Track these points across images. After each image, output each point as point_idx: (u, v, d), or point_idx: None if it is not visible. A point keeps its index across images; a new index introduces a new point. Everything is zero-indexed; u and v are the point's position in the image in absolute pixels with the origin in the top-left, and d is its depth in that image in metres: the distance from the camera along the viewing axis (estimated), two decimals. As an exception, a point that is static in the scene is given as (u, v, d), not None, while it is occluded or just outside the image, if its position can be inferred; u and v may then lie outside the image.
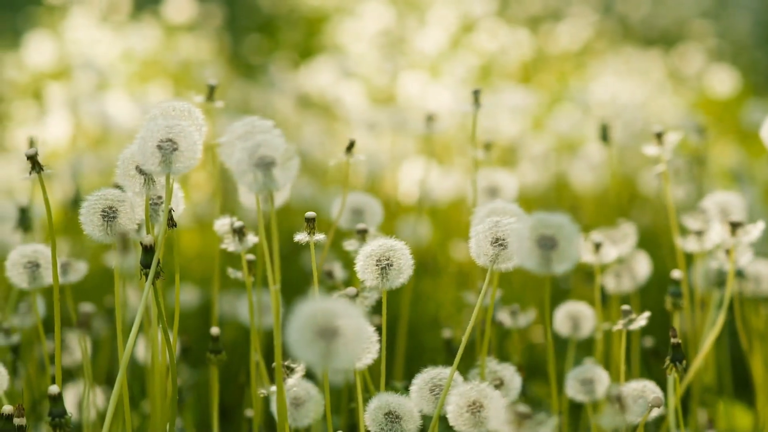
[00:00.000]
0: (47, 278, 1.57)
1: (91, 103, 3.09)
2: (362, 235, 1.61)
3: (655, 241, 2.50)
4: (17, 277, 1.57)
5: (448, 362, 2.13)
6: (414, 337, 2.40)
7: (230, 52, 4.82)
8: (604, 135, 2.08)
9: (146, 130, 1.38)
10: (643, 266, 1.89)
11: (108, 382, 2.04)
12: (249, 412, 1.74)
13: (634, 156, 2.92)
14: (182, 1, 4.78)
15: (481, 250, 1.42)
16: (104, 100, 3.06)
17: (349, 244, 1.61)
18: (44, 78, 4.17)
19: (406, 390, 1.55)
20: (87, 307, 1.39)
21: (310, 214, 1.45)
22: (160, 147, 1.37)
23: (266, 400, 1.71)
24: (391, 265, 1.46)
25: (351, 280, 1.84)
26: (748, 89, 4.12)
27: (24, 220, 1.81)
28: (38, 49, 4.27)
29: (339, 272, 1.78)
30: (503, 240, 1.41)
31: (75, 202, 2.62)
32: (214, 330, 1.59)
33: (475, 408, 1.39)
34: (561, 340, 2.45)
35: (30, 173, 1.38)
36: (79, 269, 1.69)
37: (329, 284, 1.80)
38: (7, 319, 1.76)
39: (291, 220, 2.72)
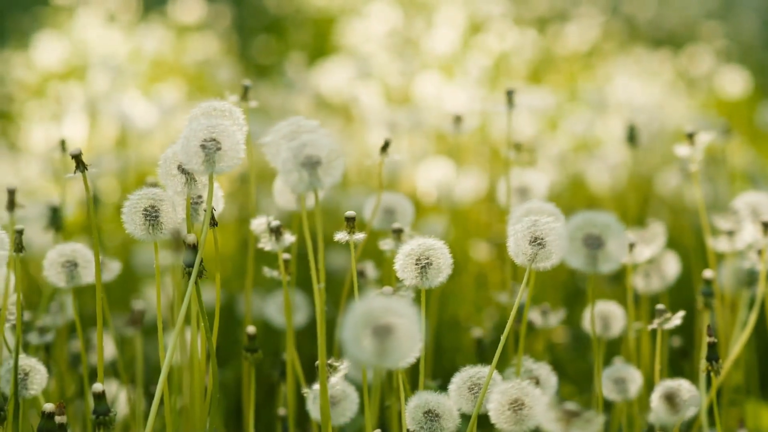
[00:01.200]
0: (85, 277, 1.58)
1: (109, 103, 3.09)
2: (398, 234, 1.62)
3: (673, 242, 2.51)
4: (55, 277, 1.58)
5: (474, 361, 2.14)
6: (434, 336, 2.41)
7: (239, 53, 4.83)
8: (632, 136, 2.09)
9: (189, 130, 1.38)
10: (672, 266, 1.90)
11: (134, 381, 2.04)
12: (282, 411, 1.75)
13: (651, 157, 2.93)
14: (190, 1, 4.79)
15: (519, 249, 1.43)
16: (122, 100, 3.07)
17: (385, 244, 1.62)
18: (53, 78, 4.18)
19: (438, 389, 1.56)
20: (139, 305, 1.40)
21: (351, 213, 1.46)
22: (203, 146, 1.38)
23: (295, 398, 1.72)
24: (431, 264, 1.46)
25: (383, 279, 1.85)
26: (759, 90, 4.13)
27: (55, 220, 1.81)
28: (47, 49, 4.27)
29: (371, 272, 1.78)
30: (542, 239, 1.42)
31: (94, 202, 2.62)
32: (251, 329, 1.60)
33: (517, 406, 1.39)
34: (580, 340, 2.47)
35: (75, 172, 1.38)
36: (113, 268, 1.70)
37: (361, 283, 1.80)
38: (39, 318, 1.77)
39: (310, 221, 2.73)
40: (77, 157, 1.38)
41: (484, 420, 1.45)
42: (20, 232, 1.37)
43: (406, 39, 4.18)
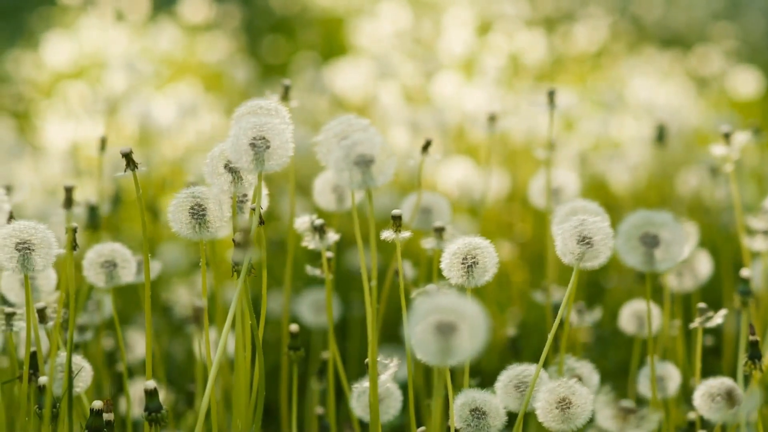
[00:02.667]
0: (124, 277, 1.58)
1: (128, 102, 3.09)
2: (440, 233, 1.63)
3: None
4: (94, 277, 1.58)
5: (501, 359, 2.15)
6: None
7: (248, 53, 4.83)
8: (661, 135, 2.10)
9: (238, 128, 1.39)
10: (704, 265, 1.91)
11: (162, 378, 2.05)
12: (319, 410, 1.75)
13: (671, 157, 2.94)
14: (199, 1, 4.79)
15: (567, 249, 1.44)
16: (141, 99, 3.07)
17: (427, 242, 1.63)
18: (64, 78, 4.18)
19: (476, 387, 1.56)
20: (200, 302, 1.40)
21: (397, 211, 1.46)
22: (253, 144, 1.38)
23: (324, 396, 1.73)
24: (477, 264, 1.47)
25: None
26: (768, 90, 4.14)
27: (93, 219, 1.82)
28: (57, 49, 4.28)
29: (409, 271, 1.79)
30: (589, 238, 1.43)
31: (115, 202, 2.63)
32: (294, 327, 1.60)
33: (565, 404, 1.40)
34: (601, 339, 2.47)
35: (125, 171, 1.39)
36: (153, 268, 1.70)
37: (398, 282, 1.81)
38: (77, 316, 1.77)
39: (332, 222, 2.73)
40: (128, 156, 1.38)
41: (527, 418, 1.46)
42: (75, 230, 1.38)
43: (416, 39, 4.19)
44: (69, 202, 1.30)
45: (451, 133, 3.01)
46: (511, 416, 1.48)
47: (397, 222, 1.47)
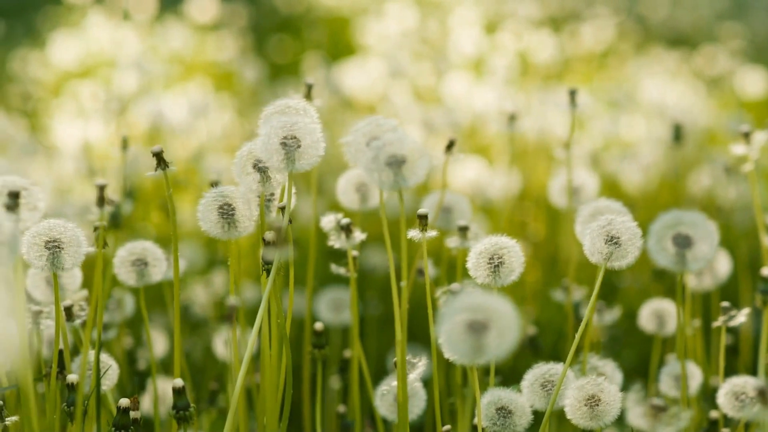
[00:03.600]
0: (155, 276, 1.59)
1: (140, 101, 3.10)
2: (463, 232, 1.64)
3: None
4: (125, 275, 1.59)
5: (517, 358, 2.15)
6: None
7: (255, 52, 4.84)
8: (678, 135, 2.11)
9: (269, 127, 1.39)
10: (723, 265, 1.92)
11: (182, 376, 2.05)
12: (342, 408, 1.76)
13: (683, 156, 2.95)
14: (205, 1, 4.80)
15: (595, 248, 1.44)
16: (152, 98, 3.08)
17: (451, 242, 1.64)
18: (72, 77, 4.18)
19: (499, 386, 1.57)
20: (233, 300, 1.40)
21: (423, 211, 1.47)
22: (284, 144, 1.39)
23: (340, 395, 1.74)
24: (503, 263, 1.48)
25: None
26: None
27: (116, 218, 1.82)
28: (64, 48, 4.28)
29: (431, 270, 1.80)
30: (617, 238, 1.43)
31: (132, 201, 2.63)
32: (318, 325, 1.61)
33: (593, 402, 1.41)
34: (614, 338, 2.48)
35: (156, 170, 1.39)
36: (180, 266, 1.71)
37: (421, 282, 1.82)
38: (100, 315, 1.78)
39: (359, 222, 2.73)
40: (159, 155, 1.39)
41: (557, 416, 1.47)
42: (102, 228, 1.38)
43: (423, 39, 4.20)
44: (102, 201, 1.30)
45: (463, 132, 3.01)
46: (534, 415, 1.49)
47: (423, 221, 1.47)
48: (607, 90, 3.64)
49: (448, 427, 1.49)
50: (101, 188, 1.32)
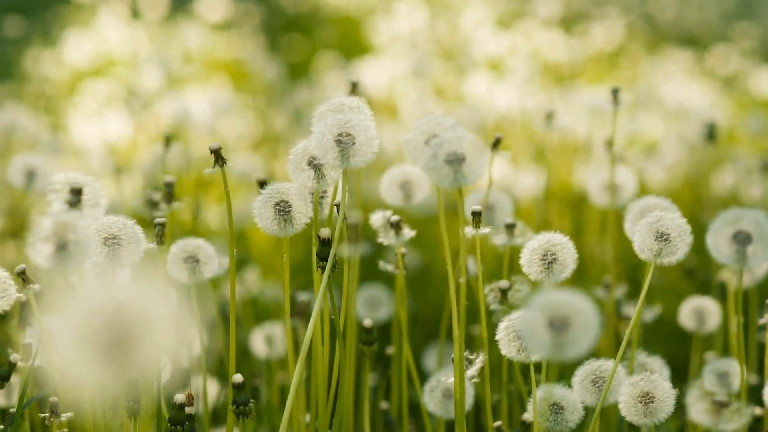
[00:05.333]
0: (207, 273, 1.59)
1: (162, 100, 3.11)
2: (510, 229, 1.65)
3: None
4: (177, 272, 1.59)
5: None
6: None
7: (267, 52, 4.85)
8: (711, 133, 2.12)
9: (324, 125, 1.40)
10: (761, 262, 1.93)
11: (219, 374, 2.06)
12: (384, 405, 1.77)
13: (705, 155, 2.96)
14: (216, 0, 4.81)
15: (645, 245, 1.45)
16: (174, 97, 3.08)
17: (498, 239, 1.65)
18: (85, 76, 4.19)
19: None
20: (303, 296, 1.42)
21: (477, 207, 1.48)
22: (339, 141, 1.39)
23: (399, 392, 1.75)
24: (556, 260, 1.49)
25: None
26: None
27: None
28: (76, 47, 4.28)
29: (473, 267, 1.81)
30: (667, 235, 1.44)
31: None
32: (368, 322, 1.62)
33: (647, 399, 1.42)
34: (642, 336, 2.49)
35: (213, 167, 1.40)
36: (223, 263, 1.71)
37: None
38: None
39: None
40: (217, 152, 1.39)
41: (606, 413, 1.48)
42: (163, 225, 1.39)
43: (434, 38, 4.21)
44: (170, 197, 1.31)
45: (486, 131, 3.03)
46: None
47: (476, 218, 1.48)
48: (625, 90, 3.65)
49: (499, 423, 1.50)
50: (169, 185, 1.33)
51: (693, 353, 1.88)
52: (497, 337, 1.42)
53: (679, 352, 2.29)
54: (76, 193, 1.29)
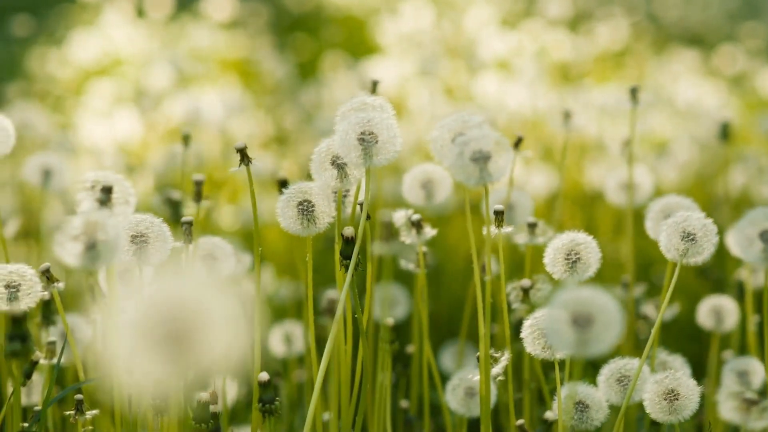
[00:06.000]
0: (224, 272, 1.59)
1: (171, 99, 3.11)
2: (532, 228, 1.65)
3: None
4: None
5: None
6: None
7: (272, 51, 4.85)
8: (725, 133, 2.13)
9: (347, 123, 1.40)
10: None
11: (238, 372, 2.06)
12: (404, 403, 1.77)
13: (715, 155, 2.97)
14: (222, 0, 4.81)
15: (671, 245, 1.45)
16: (186, 96, 3.08)
17: (520, 238, 1.65)
18: (91, 75, 4.18)
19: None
20: (333, 294, 1.42)
21: (499, 207, 1.48)
22: (362, 140, 1.40)
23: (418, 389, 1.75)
24: (580, 259, 1.49)
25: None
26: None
27: (176, 214, 1.83)
28: (83, 46, 4.28)
29: (494, 266, 1.81)
30: (693, 234, 1.45)
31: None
32: (389, 320, 1.62)
33: (672, 396, 1.43)
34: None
35: (239, 165, 1.40)
36: (244, 261, 1.72)
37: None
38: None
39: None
40: (242, 151, 1.40)
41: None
42: (189, 224, 1.39)
43: (439, 38, 4.21)
44: (199, 196, 1.31)
45: (497, 130, 3.02)
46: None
47: (499, 217, 1.48)
48: (642, 89, 3.65)
49: (522, 421, 1.51)
50: (198, 184, 1.33)
51: (711, 352, 1.88)
52: (522, 335, 1.43)
53: (692, 351, 2.29)
54: (107, 192, 1.29)
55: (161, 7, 4.69)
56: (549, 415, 1.53)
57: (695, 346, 2.30)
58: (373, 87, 1.75)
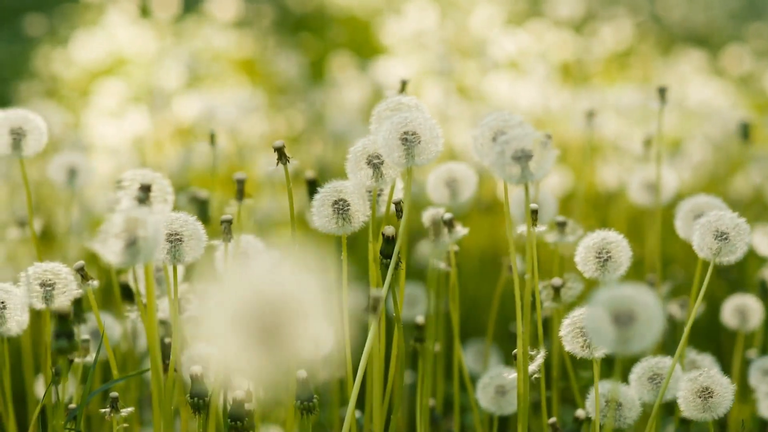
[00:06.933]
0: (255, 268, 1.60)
1: (184, 98, 3.11)
2: (562, 227, 1.66)
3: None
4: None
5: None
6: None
7: (280, 51, 4.85)
8: (745, 132, 2.14)
9: (390, 123, 1.41)
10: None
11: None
12: (431, 401, 1.77)
13: (727, 155, 2.98)
14: (227, 0, 4.81)
15: (704, 244, 1.46)
16: (196, 95, 3.09)
17: (550, 237, 1.66)
18: (97, 75, 4.18)
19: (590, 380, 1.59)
20: (376, 292, 1.42)
21: (534, 206, 1.49)
22: (404, 140, 1.40)
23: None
24: (611, 258, 1.50)
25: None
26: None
27: (204, 213, 1.83)
28: (88, 46, 4.28)
29: (519, 265, 1.81)
30: (726, 233, 1.46)
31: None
32: (420, 319, 1.63)
33: (706, 394, 1.44)
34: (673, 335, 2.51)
35: (277, 164, 1.41)
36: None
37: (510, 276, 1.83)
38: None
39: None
40: (280, 150, 1.40)
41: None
42: (229, 222, 1.40)
43: (444, 38, 4.22)
44: (241, 194, 1.32)
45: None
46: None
47: (534, 216, 1.49)
48: (639, 90, 3.67)
49: (554, 419, 1.51)
50: (240, 182, 1.34)
51: (735, 351, 1.89)
52: (561, 334, 1.44)
53: (710, 351, 2.31)
54: (146, 190, 1.29)
55: (167, 7, 4.69)
56: (580, 413, 1.53)
57: (713, 346, 2.31)
58: (402, 87, 1.75)
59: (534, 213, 1.49)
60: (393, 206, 1.49)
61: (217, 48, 4.17)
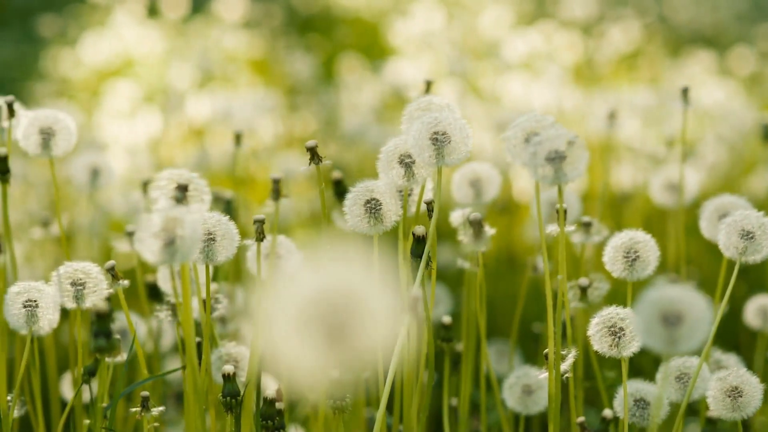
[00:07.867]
0: (287, 269, 1.60)
1: (197, 98, 3.12)
2: (587, 227, 1.67)
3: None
4: (257, 268, 1.60)
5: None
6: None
7: (289, 51, 4.86)
8: (767, 134, 2.15)
9: (420, 123, 1.42)
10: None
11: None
12: (453, 401, 1.78)
13: (740, 156, 2.99)
14: (235, 1, 4.81)
15: (730, 243, 1.47)
16: (209, 96, 3.10)
17: (576, 236, 1.67)
18: (106, 75, 4.19)
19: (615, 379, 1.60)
20: (414, 292, 1.43)
21: (564, 206, 1.49)
22: (435, 139, 1.41)
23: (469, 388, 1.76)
24: (639, 257, 1.51)
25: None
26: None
27: (230, 213, 1.84)
28: (97, 47, 4.29)
29: (541, 265, 1.82)
30: (752, 232, 1.47)
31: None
32: (446, 319, 1.64)
33: (736, 393, 1.44)
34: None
35: (309, 164, 1.42)
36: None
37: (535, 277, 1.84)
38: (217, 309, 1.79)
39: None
40: (313, 150, 1.41)
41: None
42: (262, 222, 1.41)
43: (453, 39, 4.23)
44: (277, 194, 1.33)
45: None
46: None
47: (563, 216, 1.50)
48: (649, 91, 3.68)
49: (582, 418, 1.52)
50: (276, 182, 1.34)
51: (757, 352, 1.90)
52: (589, 333, 1.44)
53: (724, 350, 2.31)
54: (183, 189, 1.30)
55: (176, 8, 4.69)
56: (607, 413, 1.54)
57: (729, 347, 2.32)
58: (427, 87, 1.76)
59: (564, 213, 1.49)
60: (424, 206, 1.50)
61: (228, 48, 4.17)
